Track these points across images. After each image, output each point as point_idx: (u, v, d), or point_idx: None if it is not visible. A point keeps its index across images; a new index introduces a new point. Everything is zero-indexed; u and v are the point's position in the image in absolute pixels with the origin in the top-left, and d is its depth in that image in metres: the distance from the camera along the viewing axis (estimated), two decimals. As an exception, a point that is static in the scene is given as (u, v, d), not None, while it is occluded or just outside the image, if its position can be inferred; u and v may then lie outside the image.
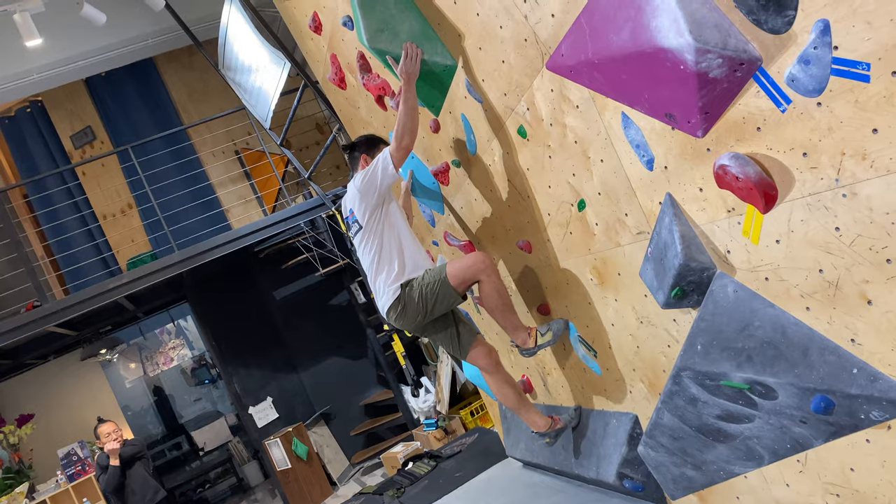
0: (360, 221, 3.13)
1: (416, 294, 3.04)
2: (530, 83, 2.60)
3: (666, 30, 1.80)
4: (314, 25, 4.02)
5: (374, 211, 3.10)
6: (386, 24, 2.95)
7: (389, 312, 3.12)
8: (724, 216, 2.03)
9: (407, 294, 3.05)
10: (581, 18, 2.20)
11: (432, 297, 3.03)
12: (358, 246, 3.23)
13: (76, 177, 8.03)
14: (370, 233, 3.11)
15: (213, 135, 7.82)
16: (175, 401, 11.17)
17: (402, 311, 3.08)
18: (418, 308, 3.05)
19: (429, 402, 7.03)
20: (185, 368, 11.22)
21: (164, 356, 10.95)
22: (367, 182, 3.07)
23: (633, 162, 2.28)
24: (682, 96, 1.91)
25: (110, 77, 7.93)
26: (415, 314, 3.06)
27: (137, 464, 5.36)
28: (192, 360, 11.31)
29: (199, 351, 11.28)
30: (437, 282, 3.02)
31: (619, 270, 2.61)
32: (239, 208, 7.96)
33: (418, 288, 3.04)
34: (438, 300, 3.04)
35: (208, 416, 10.86)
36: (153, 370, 10.68)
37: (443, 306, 3.08)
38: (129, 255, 7.80)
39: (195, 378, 11.30)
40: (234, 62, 5.59)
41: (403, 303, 3.05)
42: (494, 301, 3.05)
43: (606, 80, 2.18)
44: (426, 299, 3.03)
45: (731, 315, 2.08)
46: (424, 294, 3.03)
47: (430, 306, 3.04)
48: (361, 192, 3.09)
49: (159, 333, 11.02)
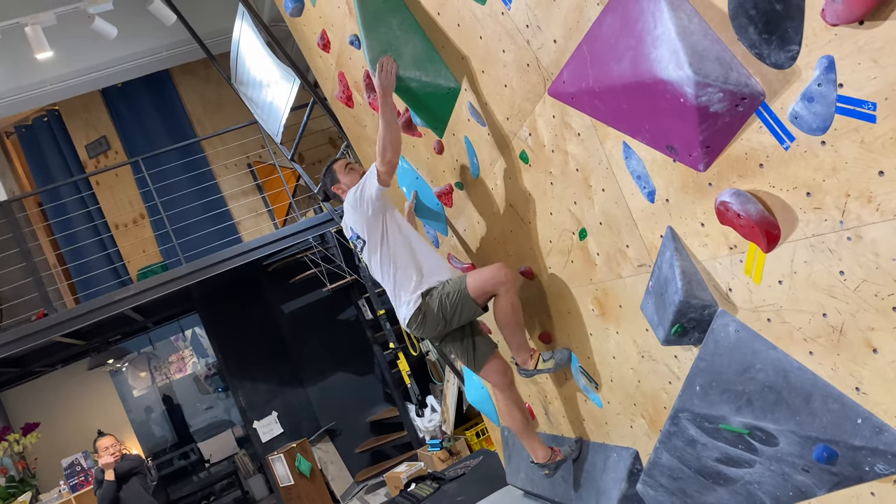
0: (363, 236, 3.10)
1: (436, 304, 2.99)
2: (532, 108, 2.55)
3: (666, 61, 1.73)
4: (322, 43, 4.00)
5: (374, 222, 3.05)
6: (389, 45, 2.92)
7: (410, 323, 3.07)
8: (725, 253, 1.95)
9: (427, 304, 3.00)
10: (583, 45, 2.14)
11: (452, 308, 2.98)
12: (368, 262, 3.19)
13: (90, 186, 8.09)
14: (376, 245, 3.07)
15: (226, 147, 7.84)
16: (185, 410, 11.16)
17: (422, 321, 3.03)
18: (438, 318, 3.00)
19: (434, 422, 6.95)
20: (199, 376, 11.22)
21: (176, 365, 10.96)
22: (356, 197, 3.06)
23: (635, 193, 2.21)
24: (683, 129, 1.84)
25: (126, 88, 7.99)
26: (434, 324, 3.01)
27: (134, 479, 5.32)
28: (206, 367, 11.30)
29: (212, 358, 11.27)
30: (457, 292, 2.97)
31: (620, 302, 2.53)
32: (250, 221, 7.97)
33: (438, 297, 2.99)
34: (458, 311, 2.98)
35: (217, 427, 10.84)
36: (163, 379, 10.69)
37: (463, 317, 3.02)
38: (139, 265, 7.82)
39: (211, 385, 11.27)
40: (245, 76, 5.60)
41: (423, 312, 3.00)
42: (508, 317, 2.98)
43: (607, 108, 2.12)
44: (445, 309, 2.98)
45: (731, 356, 2.00)
46: (444, 304, 2.98)
47: (449, 316, 3.00)
48: (354, 207, 3.08)
49: (174, 340, 11.03)
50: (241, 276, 7.31)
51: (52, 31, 5.54)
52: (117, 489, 5.09)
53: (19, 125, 8.29)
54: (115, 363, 9.30)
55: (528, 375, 3.03)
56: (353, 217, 3.12)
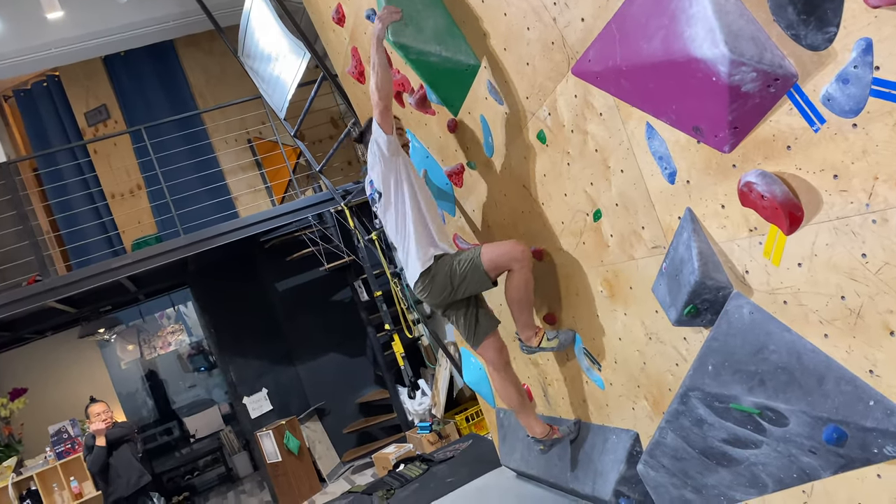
0: (380, 188, 3.11)
1: (447, 268, 3.00)
2: (554, 87, 2.56)
3: (700, 39, 1.75)
4: (337, 17, 3.99)
5: (388, 172, 3.06)
6: (411, 19, 2.91)
7: (417, 283, 3.08)
8: (745, 235, 1.98)
9: (438, 266, 3.01)
10: (611, 24, 2.15)
11: (461, 276, 2.98)
12: (383, 217, 3.19)
13: (87, 154, 8.01)
14: (391, 197, 3.07)
15: (227, 121, 7.79)
16: (169, 386, 11.13)
17: (429, 283, 3.03)
18: (445, 283, 3.00)
19: (424, 405, 6.98)
20: (182, 354, 11.19)
21: (163, 340, 10.91)
22: (371, 151, 3.10)
23: (655, 174, 2.23)
24: (712, 109, 1.86)
25: (129, 57, 7.92)
26: (441, 289, 3.02)
27: (124, 446, 5.31)
28: (189, 347, 11.27)
29: (197, 338, 11.25)
30: (469, 261, 2.98)
31: (630, 284, 2.56)
32: (248, 197, 7.93)
33: (450, 263, 3.00)
34: (468, 280, 2.99)
35: (201, 404, 10.82)
36: (150, 353, 10.64)
37: (471, 288, 3.03)
38: (134, 236, 7.77)
39: (192, 365, 11.26)
40: (253, 50, 5.56)
41: (432, 274, 3.01)
42: (520, 293, 2.98)
43: (633, 88, 2.14)
44: (454, 276, 2.99)
45: (745, 337, 2.02)
46: (454, 270, 2.99)
47: (456, 284, 3.00)
48: (371, 161, 3.12)
49: (159, 317, 10.99)
50: (237, 251, 7.28)
51: None
52: (107, 455, 5.08)
53: (18, 89, 8.19)
54: (106, 333, 9.26)
55: (530, 352, 3.06)
56: (372, 171, 3.15)
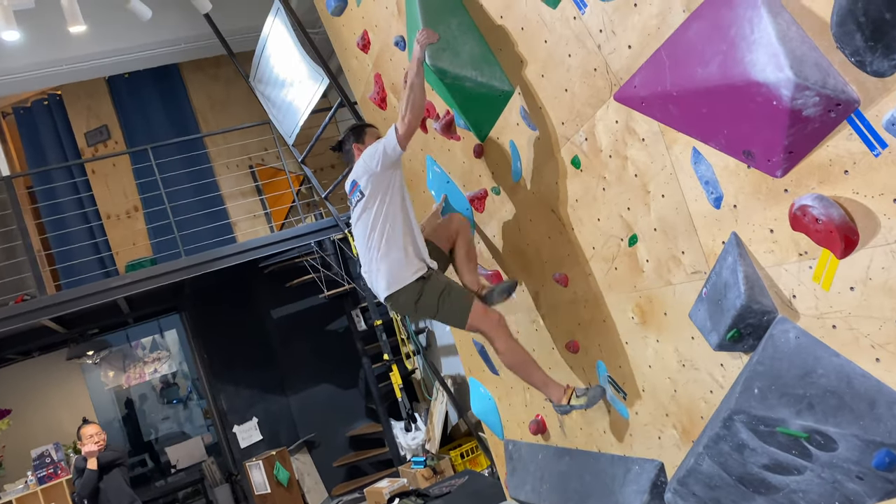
0: (363, 190, 3.08)
1: (436, 298, 3.06)
2: (593, 113, 2.60)
3: (763, 64, 1.79)
4: (362, 44, 4.04)
5: (380, 178, 3.04)
6: (448, 44, 2.96)
7: (397, 296, 3.08)
8: (794, 259, 2.00)
9: (429, 286, 3.06)
10: (661, 51, 2.20)
11: (446, 308, 3.08)
12: (356, 219, 3.17)
13: (85, 173, 7.95)
14: (373, 202, 3.05)
15: (228, 146, 7.80)
16: (152, 413, 10.87)
17: (416, 303, 3.08)
18: (430, 310, 3.10)
19: (418, 440, 6.87)
20: (167, 382, 10.97)
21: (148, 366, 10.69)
22: (370, 152, 3.06)
23: (699, 199, 2.26)
24: (767, 133, 1.90)
25: (133, 78, 7.92)
26: (426, 312, 3.12)
27: (115, 470, 5.16)
28: (174, 374, 11.04)
29: (171, 370, 11.03)
30: (465, 301, 3.07)
31: (665, 310, 2.57)
32: (246, 223, 7.89)
33: (438, 289, 3.06)
34: (449, 315, 3.11)
35: (184, 433, 10.57)
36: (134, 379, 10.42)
37: (449, 318, 3.15)
38: (127, 258, 7.67)
39: (163, 397, 11.02)
40: (267, 75, 5.60)
41: (419, 294, 3.05)
42: (510, 358, 3.11)
43: (682, 113, 2.18)
44: (441, 306, 3.08)
45: (791, 361, 2.03)
46: (442, 301, 3.07)
47: (440, 312, 3.11)
48: (365, 161, 3.07)
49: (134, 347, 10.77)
50: (233, 276, 7.21)
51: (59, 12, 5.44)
52: (98, 479, 4.93)
53: (17, 107, 8.14)
54: (95, 356, 9.05)
55: (563, 412, 3.05)
56: (359, 170, 3.11)
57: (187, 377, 11.25)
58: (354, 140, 3.29)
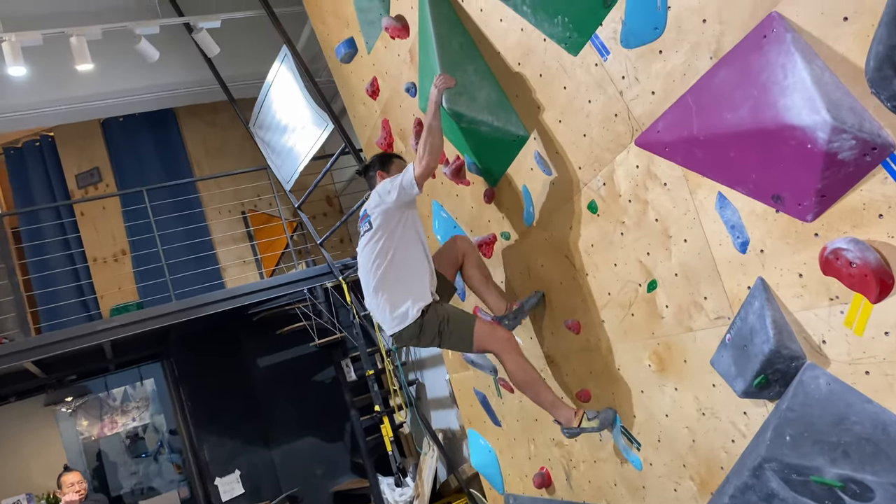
0: (372, 222, 3.09)
1: (436, 329, 3.04)
2: (612, 158, 2.62)
3: (798, 107, 1.82)
4: (371, 90, 4.08)
5: (392, 213, 3.04)
6: (465, 89, 2.99)
7: (401, 332, 3.07)
8: (824, 304, 1.99)
9: (425, 323, 3.03)
10: (687, 96, 2.24)
11: (448, 336, 3.05)
12: (362, 248, 3.16)
13: (73, 214, 7.85)
14: (380, 238, 3.06)
15: (221, 191, 7.77)
16: (125, 466, 10.46)
17: (418, 337, 3.07)
18: (433, 340, 3.07)
19: (406, 496, 6.66)
20: (142, 433, 10.58)
21: (115, 420, 10.31)
22: (387, 185, 3.06)
23: (724, 243, 2.26)
24: (800, 177, 1.92)
25: (128, 122, 7.92)
26: (430, 343, 3.08)
27: (95, 522, 4.93)
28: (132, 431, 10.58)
29: (145, 421, 10.64)
30: (466, 326, 3.04)
31: (685, 357, 2.53)
32: (235, 269, 7.80)
33: (436, 321, 3.03)
34: (454, 342, 3.09)
35: (159, 487, 10.16)
36: (108, 430, 10.05)
37: (455, 345, 3.12)
38: (112, 302, 7.51)
39: (132, 451, 10.61)
40: (268, 120, 5.63)
41: (419, 328, 3.04)
42: (520, 376, 3.03)
43: (709, 157, 2.19)
44: (442, 336, 3.05)
45: (823, 408, 2.00)
46: (442, 331, 3.04)
47: (444, 342, 3.08)
48: (380, 194, 3.08)
49: (104, 397, 10.42)
50: (221, 323, 7.07)
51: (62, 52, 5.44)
52: (77, 531, 4.68)
53: (8, 147, 8.08)
54: (73, 403, 8.73)
55: (571, 435, 2.97)
56: (373, 202, 3.12)
57: (158, 431, 10.89)
58: (379, 167, 3.29)
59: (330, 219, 8.28)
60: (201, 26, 5.29)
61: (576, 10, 2.50)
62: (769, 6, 1.92)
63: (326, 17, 4.37)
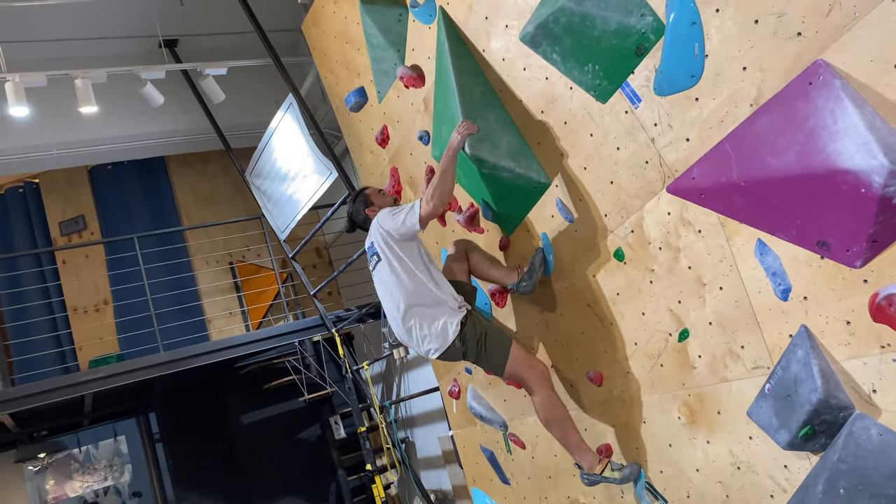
0: (380, 254, 3.09)
1: (475, 345, 2.98)
2: (641, 205, 2.60)
3: (850, 152, 1.82)
4: (381, 138, 4.07)
5: (397, 246, 3.03)
6: (487, 136, 2.99)
7: (448, 352, 3.00)
8: (875, 352, 1.96)
9: (467, 335, 2.97)
10: (725, 143, 2.24)
11: (486, 353, 2.99)
12: (378, 281, 3.15)
13: (54, 261, 7.65)
14: (393, 265, 3.03)
15: (210, 241, 7.66)
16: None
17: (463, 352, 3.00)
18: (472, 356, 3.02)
19: (394, 560, 6.39)
20: (110, 496, 10.05)
21: (83, 481, 9.79)
22: (388, 219, 3.04)
23: (763, 291, 2.23)
24: (850, 222, 1.90)
25: (116, 169, 7.83)
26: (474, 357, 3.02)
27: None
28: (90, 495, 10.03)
29: (114, 481, 10.13)
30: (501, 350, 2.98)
31: (719, 408, 2.47)
32: (221, 321, 7.61)
33: (475, 336, 2.97)
34: (490, 360, 3.01)
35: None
36: (73, 490, 9.54)
37: (490, 363, 3.04)
38: (91, 354, 7.27)
39: None
40: (267, 168, 5.59)
41: (464, 342, 2.97)
42: (549, 412, 2.94)
43: (750, 204, 2.18)
44: (479, 353, 2.99)
45: (877, 459, 1.94)
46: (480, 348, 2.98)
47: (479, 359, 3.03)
48: (380, 225, 3.07)
49: (77, 454, 9.93)
50: (206, 376, 6.85)
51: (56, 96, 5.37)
52: None
53: (-9, 193, 7.93)
54: (46, 459, 8.30)
55: (592, 482, 2.86)
56: (374, 234, 3.11)
57: (120, 494, 10.37)
58: (365, 207, 3.28)
59: (319, 270, 8.18)
60: (208, 73, 5.29)
61: (607, 58, 2.52)
62: (814, 53, 1.94)
63: (335, 67, 4.38)
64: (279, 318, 7.52)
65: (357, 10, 3.91)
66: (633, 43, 2.42)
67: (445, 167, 2.90)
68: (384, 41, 3.70)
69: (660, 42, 2.37)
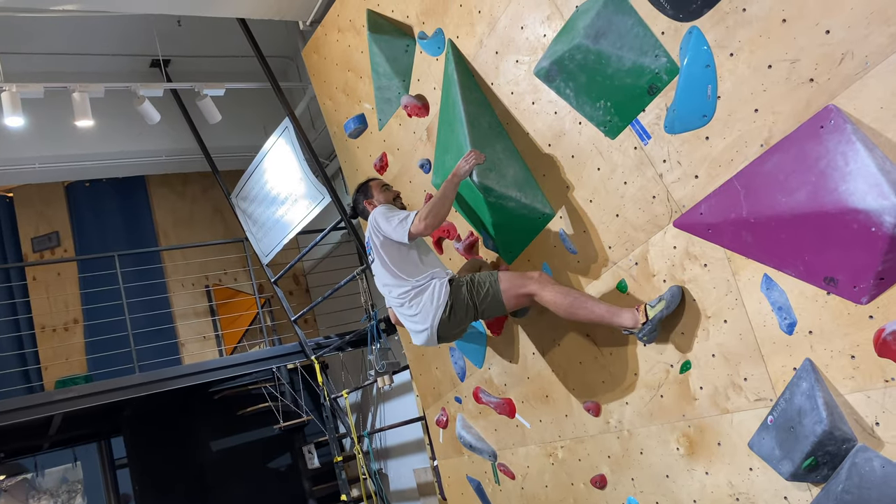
0: (373, 252, 3.20)
1: (465, 295, 2.97)
2: (646, 238, 2.67)
3: (862, 192, 1.91)
4: (380, 165, 4.11)
5: (389, 247, 3.12)
6: (494, 165, 3.05)
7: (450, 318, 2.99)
8: (880, 385, 2.03)
9: (455, 295, 2.98)
10: (734, 180, 2.33)
11: (480, 299, 2.96)
12: (376, 276, 3.26)
13: (24, 277, 7.46)
14: (385, 261, 3.13)
15: (187, 263, 7.56)
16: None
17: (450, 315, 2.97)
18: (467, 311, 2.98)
19: None
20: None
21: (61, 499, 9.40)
22: (381, 221, 3.12)
23: (768, 325, 2.30)
24: (858, 260, 1.99)
25: (94, 187, 7.72)
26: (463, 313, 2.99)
27: None
28: None
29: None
30: (490, 281, 2.96)
31: (719, 440, 2.52)
32: (195, 344, 7.48)
33: (463, 284, 2.99)
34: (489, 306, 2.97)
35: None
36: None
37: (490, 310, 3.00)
38: (57, 374, 7.06)
39: None
40: (255, 191, 5.57)
41: (453, 304, 2.97)
42: (566, 300, 2.79)
43: (758, 240, 2.26)
44: (475, 298, 2.97)
45: (881, 490, 2.00)
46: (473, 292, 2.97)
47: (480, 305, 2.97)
48: (373, 225, 3.17)
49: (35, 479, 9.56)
50: (176, 400, 6.69)
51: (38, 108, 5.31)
52: None
53: (-39, 206, 7.73)
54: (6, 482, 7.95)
55: (650, 333, 2.58)
56: (370, 231, 3.21)
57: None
58: (364, 198, 3.39)
59: (296, 297, 8.11)
60: (206, 93, 5.30)
61: (620, 96, 2.61)
62: (826, 99, 2.05)
63: (335, 93, 4.43)
64: (254, 343, 7.42)
65: (361, 39, 3.98)
66: (646, 82, 2.52)
67: (446, 192, 2.95)
68: (390, 70, 3.76)
69: (672, 82, 2.47)
